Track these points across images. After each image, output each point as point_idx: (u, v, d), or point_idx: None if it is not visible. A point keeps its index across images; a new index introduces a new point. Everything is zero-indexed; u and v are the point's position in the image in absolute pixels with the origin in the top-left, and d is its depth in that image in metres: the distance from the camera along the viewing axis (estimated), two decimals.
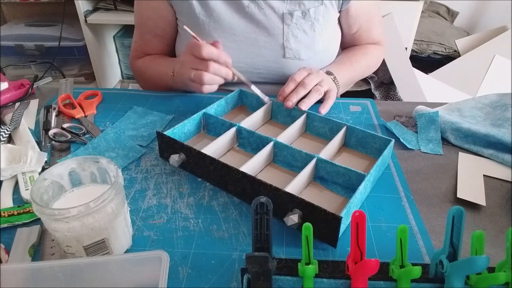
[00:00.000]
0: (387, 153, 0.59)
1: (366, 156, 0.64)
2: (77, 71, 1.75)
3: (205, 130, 0.69)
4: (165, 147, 0.60)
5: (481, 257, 0.34)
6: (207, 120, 0.68)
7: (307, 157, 0.57)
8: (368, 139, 0.62)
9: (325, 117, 0.66)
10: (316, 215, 0.46)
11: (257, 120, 0.69)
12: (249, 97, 0.75)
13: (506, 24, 1.81)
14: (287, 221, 0.47)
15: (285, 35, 0.79)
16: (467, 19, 2.10)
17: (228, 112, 0.74)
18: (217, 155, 0.61)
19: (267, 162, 0.61)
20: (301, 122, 0.67)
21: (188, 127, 0.65)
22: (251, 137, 0.63)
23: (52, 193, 0.43)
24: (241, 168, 0.53)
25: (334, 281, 0.40)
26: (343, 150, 0.65)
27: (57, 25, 1.64)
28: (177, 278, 0.43)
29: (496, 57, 1.68)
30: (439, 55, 1.80)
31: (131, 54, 0.92)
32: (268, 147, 0.59)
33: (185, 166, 0.59)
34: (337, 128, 0.64)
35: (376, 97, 1.69)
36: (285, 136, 0.62)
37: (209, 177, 0.57)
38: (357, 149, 0.65)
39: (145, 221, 0.51)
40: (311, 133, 0.69)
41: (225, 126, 0.65)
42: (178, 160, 0.57)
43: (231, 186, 0.55)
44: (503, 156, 0.63)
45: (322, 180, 0.58)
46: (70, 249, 0.41)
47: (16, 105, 0.77)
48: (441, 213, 0.53)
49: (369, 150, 0.63)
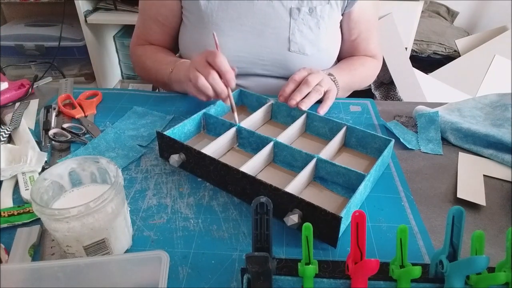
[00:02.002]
0: (387, 153, 0.59)
1: (366, 156, 0.64)
2: (77, 71, 1.75)
3: (205, 130, 0.69)
4: (165, 147, 0.60)
5: (481, 257, 0.34)
6: (207, 120, 0.68)
7: (307, 157, 0.57)
8: (368, 139, 0.62)
9: (325, 117, 0.66)
10: (316, 215, 0.46)
11: (257, 120, 0.69)
12: (249, 97, 0.75)
13: (506, 24, 1.81)
14: (287, 221, 0.47)
15: (291, 29, 0.80)
16: (467, 19, 2.10)
17: (228, 112, 0.74)
18: (217, 155, 0.61)
19: (267, 162, 0.61)
20: (301, 122, 0.67)
21: (188, 127, 0.65)
22: (251, 137, 0.63)
23: (52, 193, 0.43)
24: (241, 168, 0.53)
25: (334, 281, 0.40)
26: (343, 150, 0.65)
27: (57, 25, 1.64)
28: (177, 278, 0.43)
29: (496, 57, 1.68)
30: (439, 55, 1.80)
31: (132, 40, 0.92)
32: (268, 147, 0.59)
33: (185, 166, 0.59)
34: (337, 128, 0.64)
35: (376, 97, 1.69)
36: (285, 136, 0.62)
37: (209, 177, 0.57)
38: (357, 149, 0.65)
39: (145, 221, 0.51)
40: (311, 133, 0.69)
41: (225, 126, 0.65)
42: (178, 160, 0.57)
43: (231, 186, 0.55)
44: (503, 156, 0.63)
45: (322, 180, 0.58)
46: (70, 249, 0.41)
47: (16, 105, 0.77)
48: (441, 213, 0.53)
49: (369, 150, 0.63)
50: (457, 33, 1.89)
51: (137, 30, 0.90)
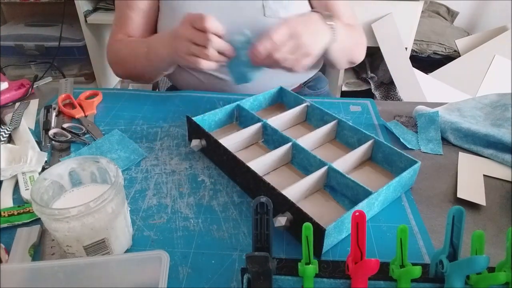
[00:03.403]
0: (409, 175, 0.54)
1: (390, 174, 0.59)
2: (77, 71, 1.75)
3: (238, 122, 0.71)
4: (191, 131, 0.64)
5: (481, 257, 0.34)
6: (240, 112, 0.69)
7: (320, 163, 0.55)
8: (394, 157, 0.58)
9: (355, 127, 0.63)
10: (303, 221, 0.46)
11: (288, 119, 0.69)
12: (288, 96, 0.75)
13: (506, 24, 1.81)
14: (274, 222, 0.47)
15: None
16: (467, 19, 2.10)
17: (265, 107, 0.75)
18: (237, 147, 0.62)
19: (283, 162, 0.61)
20: (329, 128, 0.65)
21: (219, 116, 0.68)
22: (274, 134, 0.63)
23: (52, 193, 0.43)
24: (250, 164, 0.53)
25: (334, 281, 0.40)
26: (367, 164, 0.62)
27: (57, 25, 1.64)
28: (177, 278, 0.43)
29: (496, 57, 1.68)
30: (439, 55, 1.80)
31: (109, 39, 0.87)
32: (285, 147, 0.59)
33: (205, 152, 0.63)
34: (364, 140, 0.61)
35: (376, 97, 1.69)
36: (308, 140, 0.61)
37: (223, 166, 0.59)
38: (383, 165, 0.61)
39: (145, 221, 0.51)
40: (340, 141, 0.67)
41: (253, 120, 0.66)
42: (198, 145, 0.61)
43: (238, 178, 0.56)
44: (503, 156, 0.63)
45: (331, 190, 0.56)
46: (70, 249, 0.41)
47: (16, 105, 0.77)
48: (441, 213, 0.53)
49: (394, 168, 0.59)
50: (457, 33, 1.89)
51: (115, 27, 0.86)
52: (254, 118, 0.66)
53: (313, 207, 0.46)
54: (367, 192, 0.50)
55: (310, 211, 0.45)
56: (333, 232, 0.45)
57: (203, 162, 0.62)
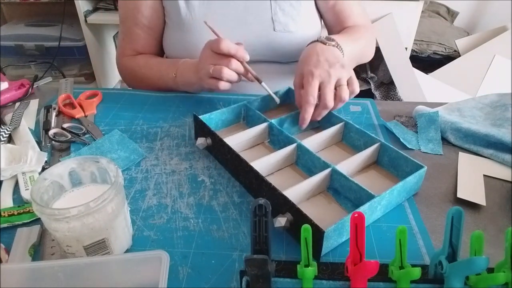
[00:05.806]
0: (414, 180, 0.54)
1: (395, 179, 0.58)
2: (77, 71, 1.75)
3: (245, 121, 0.71)
4: (198, 129, 0.64)
5: (480, 258, 0.34)
6: (247, 112, 0.70)
7: (324, 165, 0.55)
8: (400, 161, 0.57)
9: (361, 130, 0.62)
10: (303, 223, 0.46)
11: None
12: None
13: (506, 24, 1.81)
14: (274, 222, 0.47)
15: (273, 9, 0.81)
16: (467, 19, 2.10)
17: (273, 108, 0.75)
18: (242, 146, 0.63)
19: (288, 163, 0.61)
20: (336, 130, 0.65)
21: (226, 115, 0.68)
22: (279, 135, 0.63)
23: (52, 193, 0.43)
24: (253, 163, 0.54)
25: (334, 282, 0.40)
26: (373, 167, 0.61)
27: (57, 25, 1.64)
28: (177, 278, 0.44)
29: (496, 57, 1.68)
30: (439, 55, 1.80)
31: (118, 52, 0.90)
32: (289, 148, 0.59)
33: (210, 150, 0.63)
34: (371, 143, 0.61)
35: (376, 97, 1.69)
36: (313, 141, 0.61)
37: (227, 165, 0.60)
38: (388, 169, 0.60)
39: (145, 221, 0.51)
40: (347, 144, 0.66)
41: (260, 120, 0.66)
42: (203, 143, 0.61)
43: (242, 177, 0.56)
44: (503, 156, 0.63)
45: (335, 192, 0.56)
46: (70, 249, 0.41)
47: (16, 105, 0.77)
48: (441, 213, 0.53)
49: (400, 172, 0.58)
50: (457, 33, 1.89)
51: (122, 42, 0.88)
52: (260, 118, 0.66)
53: (315, 209, 0.46)
54: (370, 196, 0.50)
55: (311, 213, 0.45)
56: (332, 235, 0.45)
57: (203, 162, 0.62)
